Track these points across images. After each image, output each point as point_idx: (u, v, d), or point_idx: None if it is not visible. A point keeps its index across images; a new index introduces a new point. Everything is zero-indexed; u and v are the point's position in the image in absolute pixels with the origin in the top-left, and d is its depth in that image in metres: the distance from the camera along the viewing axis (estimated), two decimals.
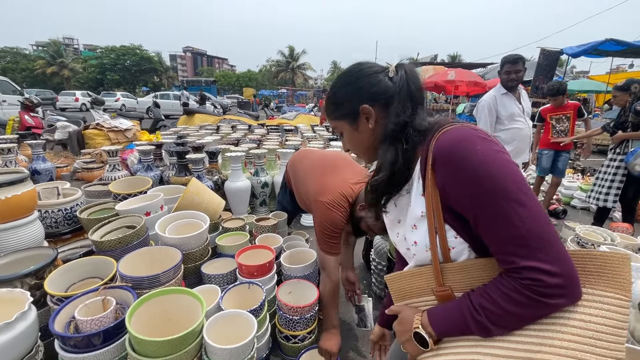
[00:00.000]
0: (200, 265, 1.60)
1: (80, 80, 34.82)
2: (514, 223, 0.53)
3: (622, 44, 8.00)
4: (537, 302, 0.53)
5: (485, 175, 0.55)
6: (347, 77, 0.77)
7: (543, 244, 0.53)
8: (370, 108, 0.72)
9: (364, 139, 0.77)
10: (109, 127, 6.11)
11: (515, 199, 0.54)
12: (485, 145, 0.57)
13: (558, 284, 0.52)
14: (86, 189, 2.25)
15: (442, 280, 0.67)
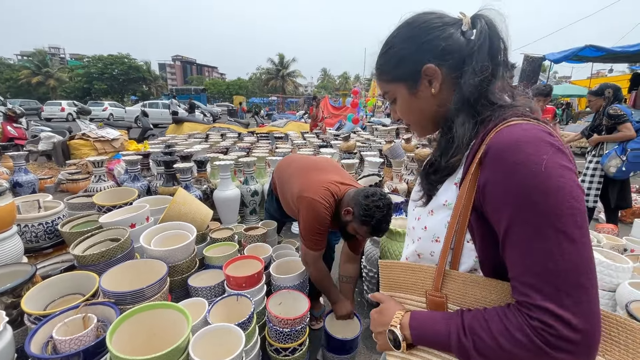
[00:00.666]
0: (187, 278, 1.56)
1: (67, 90, 34.27)
2: (551, 255, 0.44)
3: (601, 49, 8.28)
4: (538, 349, 0.45)
5: (540, 190, 0.45)
6: (408, 29, 0.63)
7: (575, 291, 0.43)
8: (436, 68, 0.60)
9: (423, 107, 0.65)
10: (95, 137, 6.00)
11: (565, 230, 0.44)
12: (554, 157, 0.47)
13: (571, 338, 0.43)
14: (69, 202, 2.19)
15: (440, 286, 0.60)
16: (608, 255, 1.80)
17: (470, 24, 0.60)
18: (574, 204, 0.45)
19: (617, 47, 8.10)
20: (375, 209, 1.35)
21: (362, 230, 1.40)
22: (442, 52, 0.59)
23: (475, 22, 0.60)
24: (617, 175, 2.87)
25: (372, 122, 10.01)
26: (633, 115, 2.94)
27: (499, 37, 0.58)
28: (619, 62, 12.57)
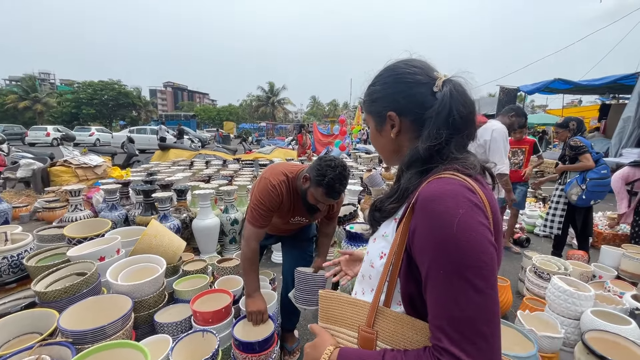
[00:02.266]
0: (155, 313, 1.53)
1: (54, 115, 34.00)
2: (458, 303, 0.48)
3: (569, 83, 8.86)
4: None
5: (452, 242, 0.50)
6: (388, 74, 0.70)
7: (477, 338, 0.47)
8: (397, 117, 0.67)
9: (384, 144, 0.73)
10: (77, 163, 5.93)
11: (472, 282, 0.48)
12: (470, 212, 0.51)
13: None
14: (39, 233, 2.14)
15: (372, 322, 0.62)
16: (572, 284, 1.85)
17: (440, 87, 0.63)
18: (482, 257, 0.49)
19: (583, 81, 8.68)
20: (327, 167, 1.41)
21: (319, 193, 1.45)
22: (405, 105, 0.66)
23: (444, 85, 0.63)
24: (578, 203, 3.02)
25: (358, 150, 10.23)
26: (594, 147, 3.12)
27: (462, 103, 0.62)
28: (586, 94, 13.39)
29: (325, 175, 1.41)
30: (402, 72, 0.67)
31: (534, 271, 2.23)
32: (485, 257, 0.50)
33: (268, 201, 1.50)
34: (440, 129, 0.61)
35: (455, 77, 0.66)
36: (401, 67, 0.68)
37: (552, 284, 1.80)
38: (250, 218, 1.53)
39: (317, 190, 1.45)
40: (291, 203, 1.59)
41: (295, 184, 1.58)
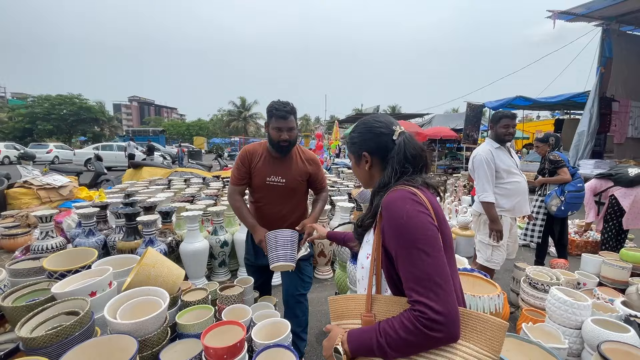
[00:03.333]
0: (159, 352, 1.39)
1: (5, 131, 31.37)
2: (417, 266, 0.72)
3: (529, 100, 9.61)
4: (420, 331, 0.68)
5: (405, 227, 0.75)
6: (361, 126, 1.01)
7: (435, 288, 0.69)
8: (368, 156, 0.97)
9: (360, 174, 1.04)
10: (39, 184, 5.47)
11: (423, 250, 0.72)
12: (413, 206, 0.78)
13: (438, 320, 0.67)
14: (11, 267, 1.92)
15: (370, 307, 0.82)
16: (569, 294, 1.93)
17: (397, 136, 0.93)
18: (426, 232, 0.74)
19: (542, 98, 9.45)
20: (272, 103, 1.78)
21: (272, 122, 1.75)
22: (373, 149, 0.96)
23: (400, 135, 0.93)
24: (557, 214, 3.22)
25: (337, 164, 10.33)
26: (569, 162, 3.37)
27: (412, 147, 0.91)
28: (544, 110, 14.59)
29: (270, 107, 1.77)
30: (370, 125, 0.97)
31: (529, 282, 2.31)
32: (428, 232, 0.75)
33: (240, 159, 1.87)
34: (399, 165, 0.88)
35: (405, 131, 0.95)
36: (368, 122, 0.99)
37: (552, 295, 1.87)
38: (231, 178, 1.93)
39: (270, 122, 1.77)
40: (262, 159, 1.86)
41: (266, 146, 1.88)
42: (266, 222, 1.88)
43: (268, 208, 1.90)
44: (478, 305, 1.36)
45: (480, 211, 2.54)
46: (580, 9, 7.38)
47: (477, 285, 1.56)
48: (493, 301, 1.35)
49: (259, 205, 1.93)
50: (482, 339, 0.71)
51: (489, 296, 1.33)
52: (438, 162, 13.17)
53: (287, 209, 1.92)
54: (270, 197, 1.88)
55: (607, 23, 7.87)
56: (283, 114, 1.74)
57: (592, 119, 7.70)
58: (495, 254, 2.53)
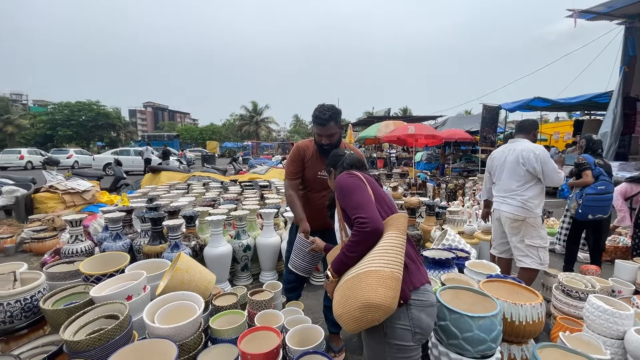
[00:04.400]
0: (196, 356, 1.40)
1: (27, 137, 32.56)
2: (352, 201, 1.22)
3: (547, 101, 9.37)
4: (359, 231, 1.14)
5: (342, 186, 1.28)
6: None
7: (361, 207, 1.17)
8: (332, 169, 1.55)
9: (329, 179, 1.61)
10: (64, 189, 5.63)
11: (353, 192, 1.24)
12: (348, 177, 1.31)
13: (366, 222, 1.13)
14: (48, 271, 1.97)
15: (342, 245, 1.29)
16: (608, 302, 1.86)
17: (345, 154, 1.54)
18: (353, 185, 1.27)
19: (561, 99, 9.20)
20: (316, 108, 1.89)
21: (316, 128, 1.91)
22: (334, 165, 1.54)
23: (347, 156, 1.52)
24: (576, 217, 3.18)
25: None
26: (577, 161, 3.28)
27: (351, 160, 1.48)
28: (563, 111, 14.22)
29: (314, 112, 1.88)
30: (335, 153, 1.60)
31: (562, 289, 2.24)
32: (355, 184, 1.27)
33: (294, 155, 2.05)
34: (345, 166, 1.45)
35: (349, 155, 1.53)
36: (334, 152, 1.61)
37: (590, 303, 1.80)
38: (285, 174, 2.11)
39: (314, 127, 1.91)
40: (312, 156, 2.03)
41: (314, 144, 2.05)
42: (313, 212, 2.01)
43: (316, 199, 2.05)
44: (520, 314, 1.32)
45: (526, 215, 2.47)
46: (601, 8, 7.18)
47: (514, 292, 1.51)
48: (535, 310, 1.31)
49: (308, 196, 2.10)
50: (393, 227, 1.16)
51: (531, 304, 1.29)
52: (453, 165, 12.95)
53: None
54: (319, 189, 2.05)
55: (629, 21, 7.62)
56: (321, 121, 1.84)
57: (615, 120, 7.44)
58: (546, 255, 2.54)
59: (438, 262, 1.93)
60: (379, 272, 1.04)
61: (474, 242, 3.50)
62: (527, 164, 2.50)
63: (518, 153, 2.56)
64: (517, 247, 2.56)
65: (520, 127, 2.77)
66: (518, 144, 2.63)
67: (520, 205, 2.51)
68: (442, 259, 1.92)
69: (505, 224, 2.63)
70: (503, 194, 2.64)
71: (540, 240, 2.52)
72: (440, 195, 6.45)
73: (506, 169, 2.63)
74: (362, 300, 1.03)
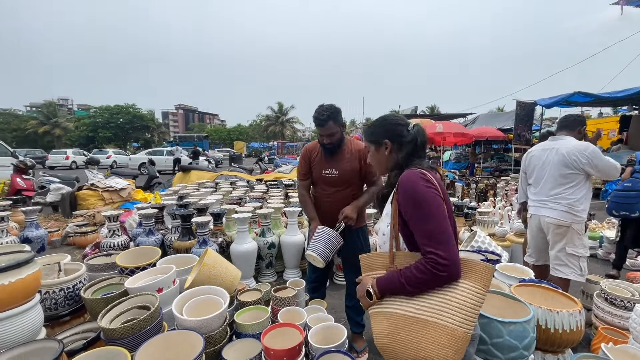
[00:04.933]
0: (221, 350, 1.45)
1: (72, 139, 35.13)
2: (428, 226, 0.97)
3: (590, 95, 8.74)
4: (430, 272, 0.94)
5: (418, 199, 1.00)
6: (382, 120, 1.27)
7: (440, 240, 0.95)
8: (389, 142, 1.19)
9: (380, 159, 1.25)
10: (103, 187, 6.01)
11: (427, 211, 0.98)
12: (420, 181, 1.01)
13: (444, 263, 0.92)
14: (89, 262, 2.11)
15: (392, 261, 1.09)
16: None
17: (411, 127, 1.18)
18: (434, 202, 0.99)
19: (605, 93, 8.55)
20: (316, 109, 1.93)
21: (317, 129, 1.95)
22: (394, 135, 1.19)
23: (413, 126, 1.19)
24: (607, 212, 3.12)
25: None
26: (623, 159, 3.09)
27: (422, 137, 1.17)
28: (607, 106, 13.22)
29: (313, 113, 1.92)
30: (390, 119, 1.25)
31: (604, 297, 2.08)
32: (435, 202, 0.99)
33: (302, 156, 2.14)
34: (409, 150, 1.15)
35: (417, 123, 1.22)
36: (388, 116, 1.27)
37: (638, 313, 1.66)
38: (297, 175, 2.20)
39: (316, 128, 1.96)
40: (318, 155, 2.06)
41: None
42: (324, 211, 2.05)
43: (325, 197, 2.07)
44: (556, 321, 1.23)
45: (572, 220, 2.26)
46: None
47: (550, 298, 1.42)
48: (574, 317, 1.21)
49: (317, 195, 2.13)
50: (475, 277, 0.95)
51: (569, 312, 1.20)
52: (483, 164, 12.41)
53: (341, 197, 2.02)
54: (326, 188, 2.06)
55: None
56: (320, 122, 1.89)
57: None
58: (586, 265, 2.34)
59: None
60: (452, 332, 0.90)
61: (505, 245, 3.34)
62: (575, 166, 2.26)
63: (563, 154, 2.31)
64: (557, 257, 2.35)
65: (563, 123, 2.52)
66: (562, 142, 2.38)
67: (565, 209, 2.28)
68: None
69: (548, 230, 2.39)
70: (544, 198, 2.40)
71: (582, 249, 2.29)
72: (470, 196, 6.21)
73: (548, 170, 2.39)
74: (424, 357, 0.92)
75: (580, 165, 2.25)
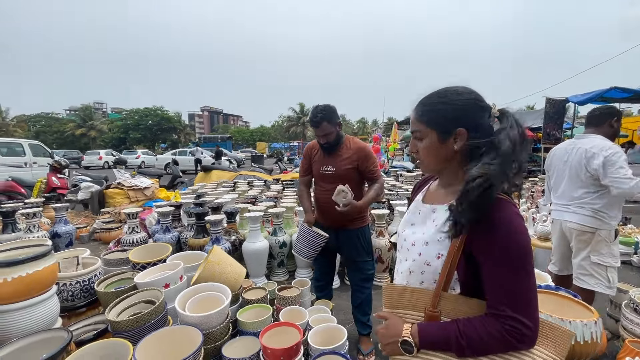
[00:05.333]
0: (221, 346, 1.46)
1: (105, 140, 37.20)
2: (519, 285, 0.72)
3: (628, 91, 8.14)
4: (509, 342, 0.72)
5: (513, 246, 0.72)
6: (455, 95, 0.82)
7: (530, 306, 0.72)
8: (466, 133, 0.80)
9: (442, 154, 0.84)
10: (129, 186, 6.29)
11: (525, 269, 0.72)
12: (519, 222, 0.74)
13: (528, 334, 0.71)
14: (105, 257, 2.21)
15: (436, 303, 0.81)
16: None
17: (498, 115, 0.80)
18: (529, 252, 0.73)
19: None
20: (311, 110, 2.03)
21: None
22: (477, 126, 0.80)
23: (502, 117, 0.80)
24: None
25: (395, 167, 10.00)
26: None
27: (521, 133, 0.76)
28: None
29: (309, 116, 2.02)
30: (470, 97, 0.82)
31: (634, 308, 1.92)
32: (530, 252, 0.73)
33: (304, 154, 2.22)
34: (508, 156, 0.74)
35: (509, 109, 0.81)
36: (467, 90, 0.83)
37: None
38: (299, 172, 2.29)
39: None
40: (317, 153, 2.13)
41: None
42: (323, 207, 2.10)
43: (319, 193, 2.13)
44: None
45: (598, 226, 2.06)
46: None
47: (566, 306, 1.31)
48: (588, 328, 1.11)
49: (317, 192, 2.18)
50: (551, 344, 0.76)
51: (582, 322, 1.11)
52: None
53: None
54: (324, 185, 2.09)
55: None
56: (314, 123, 1.98)
57: None
58: (615, 277, 2.13)
59: None
60: None
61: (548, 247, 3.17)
62: (589, 166, 2.06)
63: (582, 152, 2.10)
64: (580, 265, 2.16)
65: (588, 120, 2.28)
66: (586, 140, 2.16)
67: (590, 214, 2.07)
68: None
69: (571, 236, 2.20)
70: (566, 201, 2.21)
71: (611, 259, 2.08)
72: None
73: (568, 171, 2.20)
74: None
75: (594, 167, 2.03)
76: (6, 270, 1.38)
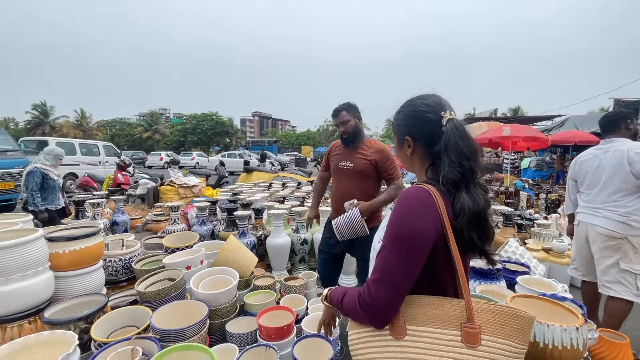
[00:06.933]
0: (226, 322, 1.66)
1: (167, 143, 41.02)
2: (383, 257, 0.79)
3: None
4: (356, 302, 0.82)
5: (390, 222, 0.81)
6: (406, 107, 0.94)
7: (382, 280, 0.78)
8: (411, 140, 0.91)
9: (403, 157, 0.97)
10: (179, 183, 6.97)
11: (394, 245, 0.79)
12: (403, 203, 0.81)
13: (367, 302, 0.79)
14: (145, 242, 2.56)
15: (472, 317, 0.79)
16: None
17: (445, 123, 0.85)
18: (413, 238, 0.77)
19: None
20: None
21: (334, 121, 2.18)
22: (418, 132, 0.90)
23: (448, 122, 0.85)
24: None
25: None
26: None
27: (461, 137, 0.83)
28: None
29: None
30: (416, 106, 0.90)
31: None
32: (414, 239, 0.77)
33: (327, 150, 2.36)
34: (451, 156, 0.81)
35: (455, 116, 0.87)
36: (414, 102, 0.91)
37: None
38: (320, 166, 2.48)
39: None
40: (338, 148, 2.25)
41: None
42: (339, 203, 2.11)
43: (341, 187, 2.20)
44: (546, 335, 1.10)
45: (628, 233, 1.99)
46: None
47: (556, 313, 1.26)
48: (568, 334, 1.07)
49: (334, 186, 2.27)
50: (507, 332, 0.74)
51: (561, 327, 1.07)
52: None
53: (356, 191, 2.10)
54: (342, 179, 2.19)
55: None
56: (334, 112, 2.16)
57: None
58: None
59: (479, 272, 1.74)
60: None
61: (564, 263, 2.95)
62: (633, 167, 1.99)
63: (622, 154, 2.03)
64: (607, 272, 2.05)
65: (603, 128, 2.23)
66: (617, 143, 2.10)
67: (621, 220, 2.00)
68: (485, 269, 1.73)
69: (595, 241, 2.12)
70: (597, 205, 2.13)
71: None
72: (539, 207, 5.52)
73: (605, 175, 2.11)
74: None
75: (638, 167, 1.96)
76: (65, 244, 1.73)
